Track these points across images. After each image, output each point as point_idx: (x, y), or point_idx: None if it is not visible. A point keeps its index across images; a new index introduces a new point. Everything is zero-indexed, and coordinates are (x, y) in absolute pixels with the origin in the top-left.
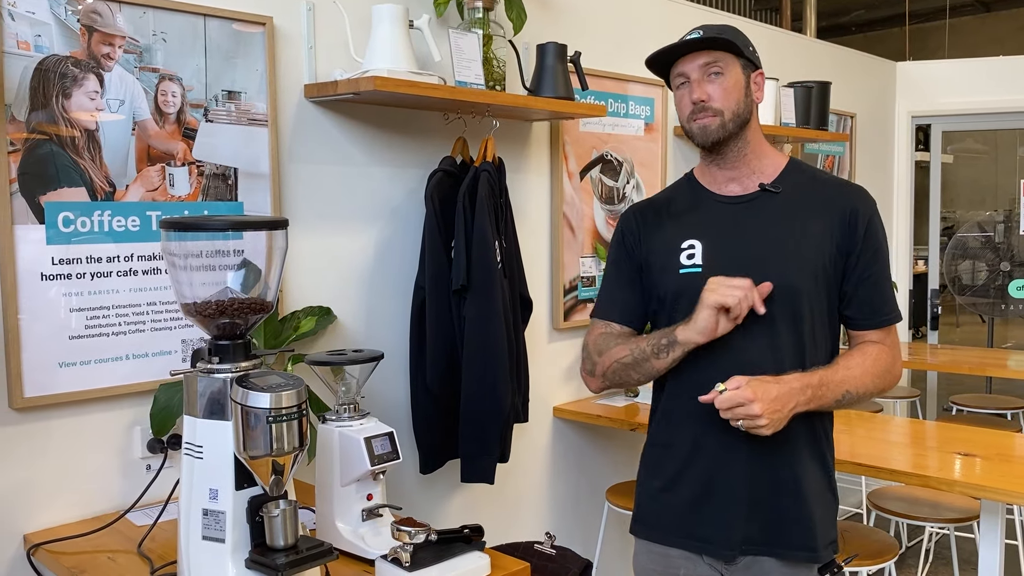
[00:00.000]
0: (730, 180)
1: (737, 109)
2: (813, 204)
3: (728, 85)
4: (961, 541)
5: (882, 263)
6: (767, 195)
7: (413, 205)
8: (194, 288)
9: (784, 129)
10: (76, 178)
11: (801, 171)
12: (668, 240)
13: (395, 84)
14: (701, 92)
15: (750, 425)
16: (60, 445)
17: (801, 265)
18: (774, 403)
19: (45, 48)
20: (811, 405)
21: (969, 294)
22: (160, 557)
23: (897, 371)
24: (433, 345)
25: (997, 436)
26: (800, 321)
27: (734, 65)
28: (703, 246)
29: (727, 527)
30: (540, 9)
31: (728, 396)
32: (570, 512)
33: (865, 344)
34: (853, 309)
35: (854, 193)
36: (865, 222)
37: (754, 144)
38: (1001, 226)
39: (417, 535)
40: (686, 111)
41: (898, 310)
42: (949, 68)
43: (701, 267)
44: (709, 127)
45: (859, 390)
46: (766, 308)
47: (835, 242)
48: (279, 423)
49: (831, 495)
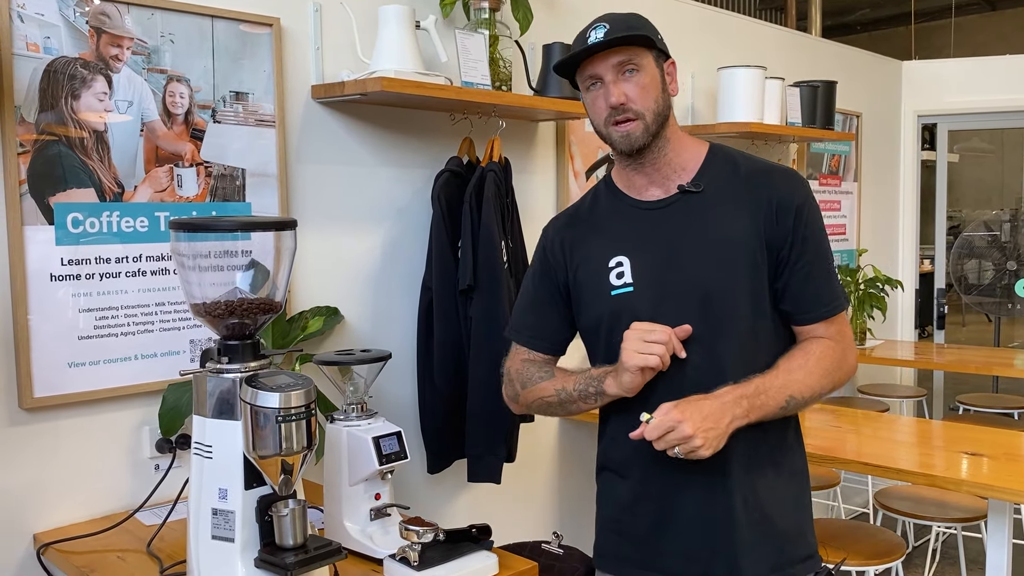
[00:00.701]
0: (650, 184)
1: (657, 108)
2: (737, 198)
3: (645, 83)
4: (968, 541)
5: (816, 252)
6: (688, 196)
7: (420, 205)
8: (203, 288)
9: (790, 128)
10: (85, 179)
11: (724, 161)
12: (595, 258)
13: (402, 85)
14: (619, 94)
15: (686, 449)
16: (69, 445)
17: (731, 268)
18: (706, 420)
19: (54, 50)
20: (751, 416)
21: (975, 293)
22: (169, 556)
23: (850, 363)
24: (440, 345)
25: (1004, 435)
26: (739, 326)
27: (648, 59)
28: (631, 262)
29: (687, 557)
30: (546, 9)
31: (655, 424)
32: (577, 511)
33: (808, 342)
34: (789, 304)
35: (780, 180)
36: (792, 211)
37: (674, 141)
38: (1007, 225)
39: (425, 534)
40: (602, 115)
41: (841, 299)
42: (955, 67)
43: (633, 286)
44: (633, 133)
45: (804, 393)
46: (703, 318)
47: (762, 237)
48: (288, 423)
49: (802, 506)
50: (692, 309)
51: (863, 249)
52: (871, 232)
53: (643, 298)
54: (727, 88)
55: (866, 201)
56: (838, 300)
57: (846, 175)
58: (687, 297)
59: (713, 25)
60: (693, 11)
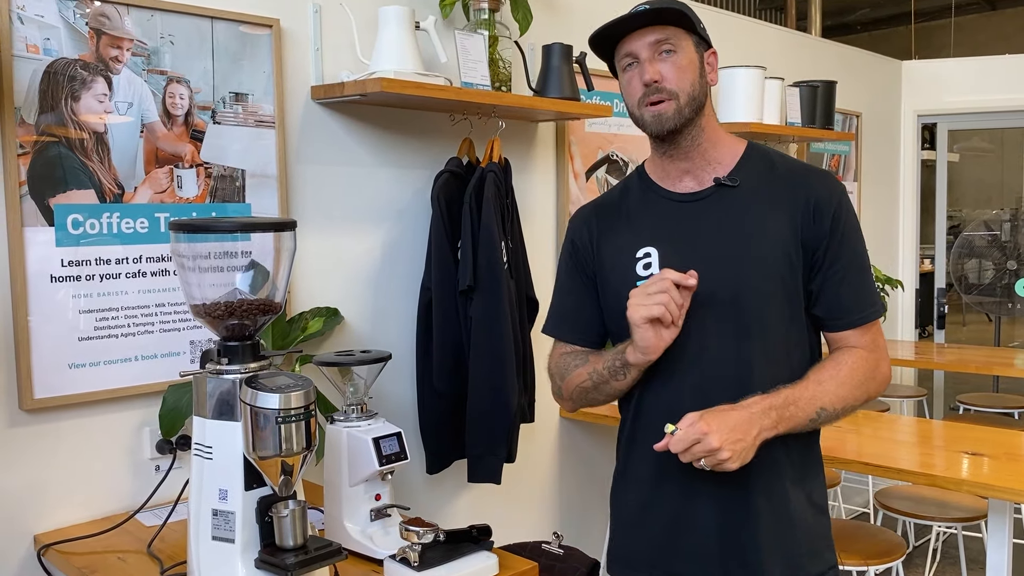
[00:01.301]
0: (684, 173)
1: (693, 91)
2: (773, 196)
3: (683, 64)
4: (969, 540)
5: (852, 254)
6: (724, 190)
7: (420, 206)
8: (203, 289)
9: (790, 129)
10: (85, 180)
11: (761, 158)
12: (622, 249)
13: (402, 85)
14: (653, 72)
15: (712, 462)
16: (70, 446)
17: (764, 267)
18: (733, 432)
19: (54, 51)
20: (779, 428)
21: (976, 293)
22: (170, 557)
23: (883, 373)
24: (440, 346)
25: (1004, 435)
26: (767, 329)
27: (687, 42)
28: (659, 253)
29: (702, 563)
30: (546, 10)
31: (680, 436)
32: (577, 512)
33: (840, 352)
34: (822, 309)
35: (818, 180)
36: (831, 212)
37: (709, 131)
38: (1007, 225)
39: (426, 535)
40: (636, 95)
41: (877, 305)
42: (955, 67)
43: None
44: (664, 113)
45: (836, 405)
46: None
47: (799, 237)
48: (288, 424)
49: (821, 520)
50: (721, 307)
51: None
52: (871, 232)
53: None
54: (727, 88)
55: (866, 201)
56: (874, 307)
57: (846, 175)
58: (717, 294)
59: (713, 25)
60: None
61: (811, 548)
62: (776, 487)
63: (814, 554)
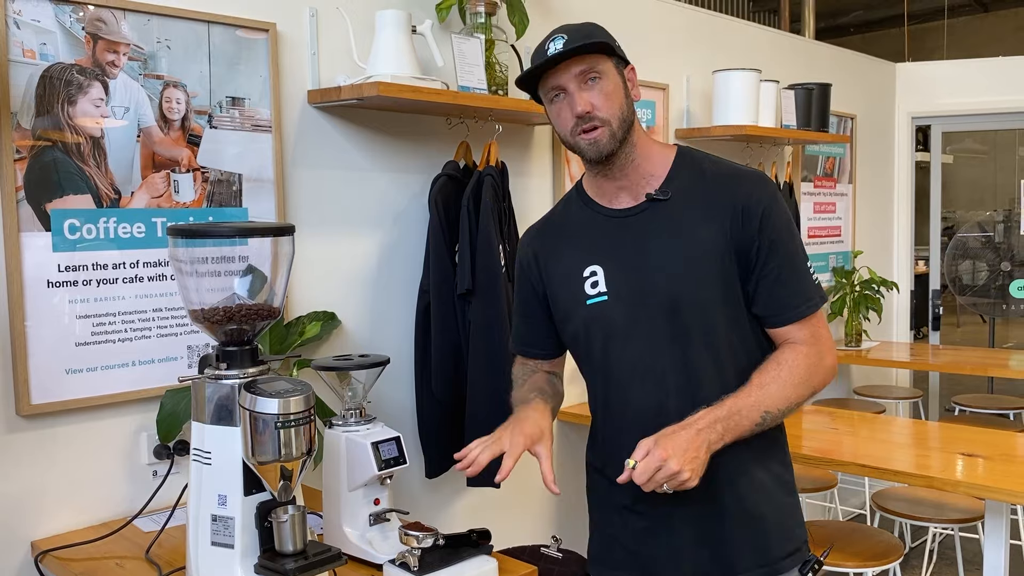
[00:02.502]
0: (620, 190)
1: (622, 114)
2: (704, 204)
3: (609, 90)
4: (965, 541)
5: (785, 253)
6: (656, 204)
7: (417, 210)
8: (201, 294)
9: (785, 131)
10: (81, 185)
11: (690, 166)
12: (569, 268)
13: (398, 89)
14: (584, 103)
15: (675, 484)
16: (67, 452)
17: (701, 275)
18: (687, 452)
19: (50, 56)
20: (726, 439)
21: (970, 294)
22: (168, 563)
23: (827, 365)
24: (438, 349)
25: (1000, 436)
26: (711, 334)
27: (609, 66)
28: (604, 271)
29: (675, 559)
30: (542, 14)
31: (642, 468)
32: (576, 515)
33: (781, 351)
34: (760, 308)
35: (745, 184)
36: (759, 213)
37: (640, 147)
38: (1001, 226)
39: (425, 539)
40: (568, 125)
41: (813, 299)
42: (948, 69)
43: (607, 295)
44: (600, 140)
45: (779, 406)
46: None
47: (730, 241)
48: (287, 428)
49: (787, 499)
50: (664, 317)
51: (858, 251)
52: (866, 234)
53: (616, 307)
54: (722, 91)
55: (861, 203)
56: (810, 300)
57: (841, 177)
58: (659, 306)
59: (708, 28)
60: (688, 14)
61: (779, 529)
62: (742, 479)
63: (783, 535)
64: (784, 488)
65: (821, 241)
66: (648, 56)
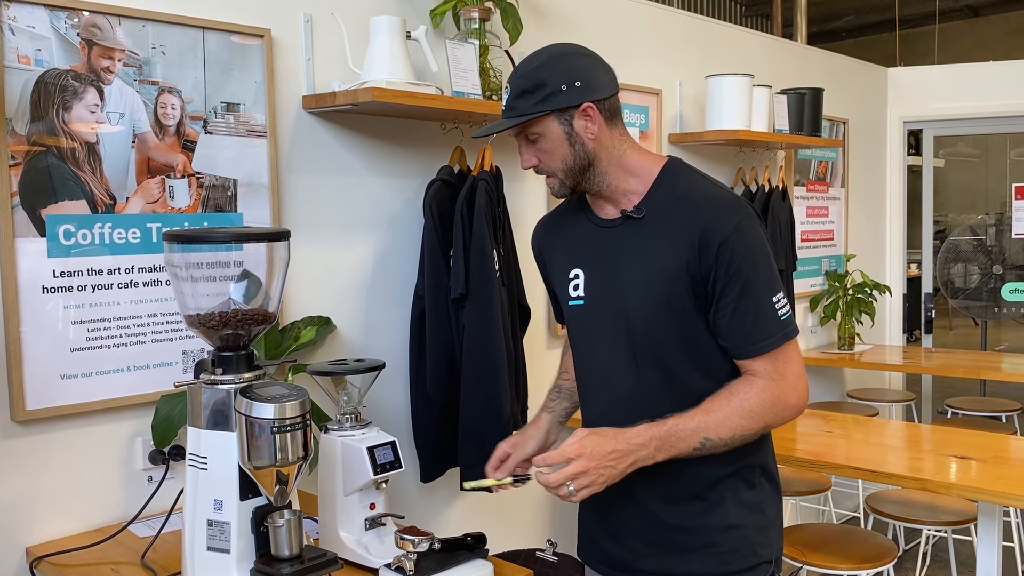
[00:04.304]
0: (606, 203)
1: (567, 164)
2: (672, 228)
3: (548, 147)
4: (958, 544)
5: (746, 286)
6: (631, 220)
7: (412, 214)
8: (197, 299)
9: (777, 136)
10: (77, 191)
11: (669, 187)
12: (560, 267)
13: (393, 95)
14: (526, 161)
15: (579, 485)
16: (62, 457)
17: (657, 298)
18: (604, 459)
19: (45, 62)
20: (658, 457)
21: (962, 297)
22: (163, 568)
23: (789, 402)
24: (432, 354)
25: (992, 439)
26: (663, 357)
27: (546, 124)
28: (584, 276)
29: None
30: (535, 19)
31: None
32: (571, 519)
33: (739, 381)
34: (722, 338)
35: (710, 213)
36: (716, 245)
37: (613, 172)
38: (993, 229)
39: (421, 543)
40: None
41: (777, 334)
42: (940, 73)
43: (583, 299)
44: (553, 186)
45: (722, 435)
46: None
47: (688, 268)
48: (283, 433)
49: (754, 517)
50: (623, 332)
51: (851, 254)
52: (859, 237)
53: (588, 313)
54: (715, 96)
55: (853, 207)
56: (775, 335)
57: (833, 181)
58: (619, 317)
59: (701, 33)
60: (681, 19)
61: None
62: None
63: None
64: (750, 508)
65: (814, 245)
66: (641, 61)
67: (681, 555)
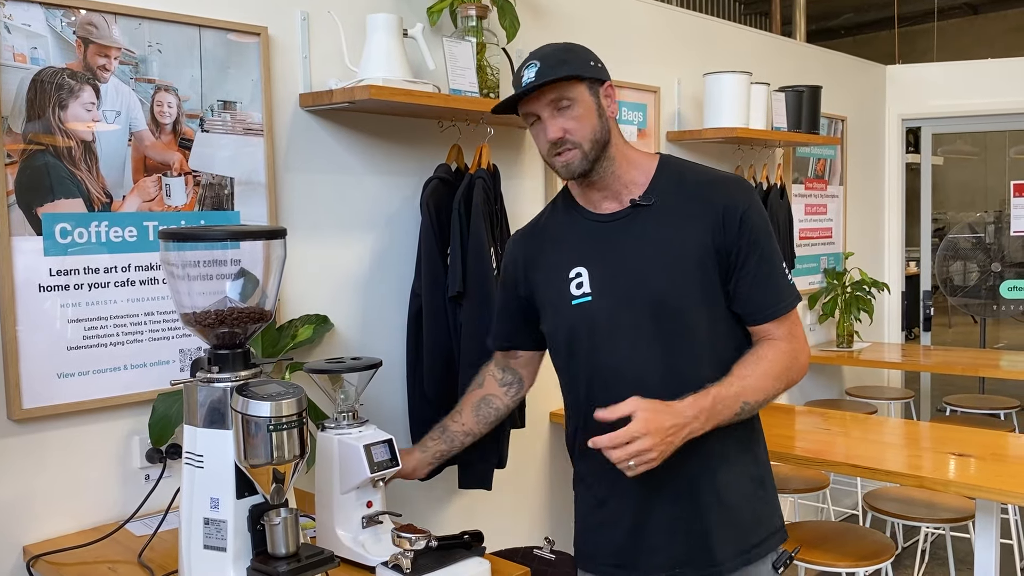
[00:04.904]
0: (604, 198)
1: (595, 136)
2: (685, 210)
3: (580, 114)
4: (957, 541)
5: (763, 254)
6: (640, 208)
7: (409, 213)
8: (193, 298)
9: (776, 133)
10: (73, 189)
11: (671, 174)
12: (554, 270)
13: (390, 93)
14: (556, 129)
15: (640, 461)
16: (59, 456)
17: (682, 276)
18: (666, 435)
19: (41, 60)
20: (707, 427)
21: (961, 295)
22: (161, 567)
23: (801, 362)
24: (429, 352)
25: (991, 436)
26: (692, 332)
27: (580, 90)
28: (589, 272)
29: (661, 554)
30: (533, 17)
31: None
32: (568, 517)
33: (760, 346)
34: (740, 306)
35: (725, 189)
36: (739, 217)
37: (620, 159)
38: (991, 227)
39: (418, 541)
40: (544, 148)
41: (789, 298)
42: (938, 71)
43: (591, 295)
44: (571, 163)
45: (757, 398)
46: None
47: (712, 244)
48: (280, 431)
49: (759, 492)
50: (647, 316)
51: (849, 252)
52: (857, 235)
53: (601, 307)
54: (713, 93)
55: (852, 204)
56: (786, 300)
57: (832, 179)
58: (642, 305)
59: (699, 31)
60: (679, 17)
61: (753, 518)
62: (725, 466)
63: (757, 523)
64: (756, 482)
65: (812, 243)
66: (639, 59)
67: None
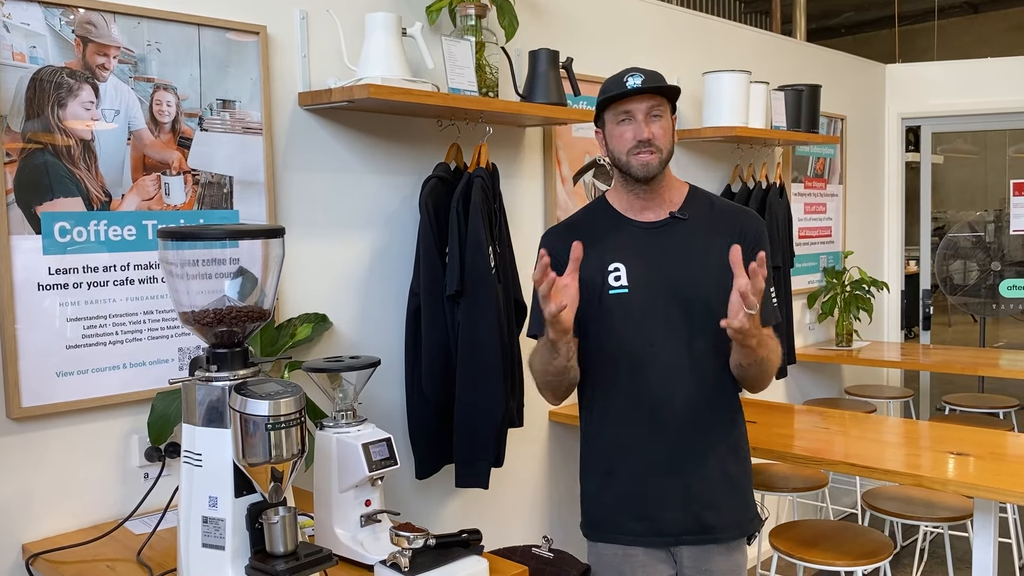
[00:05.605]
0: (644, 208)
1: (670, 148)
2: (715, 227)
3: (666, 127)
4: (955, 540)
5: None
6: (677, 221)
7: (407, 211)
8: (192, 297)
9: (775, 132)
10: (72, 188)
11: (702, 198)
12: (593, 263)
13: (389, 91)
14: (648, 131)
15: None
16: (58, 454)
17: (710, 280)
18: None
19: (40, 59)
20: (759, 351)
21: (961, 294)
22: (159, 565)
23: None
24: (428, 351)
25: (990, 435)
26: (714, 327)
27: (667, 109)
28: (627, 269)
29: (665, 520)
30: (532, 16)
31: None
32: (567, 515)
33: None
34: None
35: (747, 216)
36: (754, 240)
37: (668, 178)
38: (991, 226)
39: (416, 540)
40: (627, 145)
41: (772, 317)
42: (938, 70)
43: (628, 288)
44: (651, 164)
45: (768, 364)
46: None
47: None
48: (278, 430)
49: (747, 479)
50: (678, 312)
51: (849, 251)
52: (856, 234)
53: (636, 299)
54: (713, 92)
55: (851, 203)
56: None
57: (831, 178)
58: (675, 300)
59: (699, 30)
60: (679, 16)
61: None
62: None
63: (748, 503)
64: (746, 472)
65: (812, 242)
66: (638, 57)
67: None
